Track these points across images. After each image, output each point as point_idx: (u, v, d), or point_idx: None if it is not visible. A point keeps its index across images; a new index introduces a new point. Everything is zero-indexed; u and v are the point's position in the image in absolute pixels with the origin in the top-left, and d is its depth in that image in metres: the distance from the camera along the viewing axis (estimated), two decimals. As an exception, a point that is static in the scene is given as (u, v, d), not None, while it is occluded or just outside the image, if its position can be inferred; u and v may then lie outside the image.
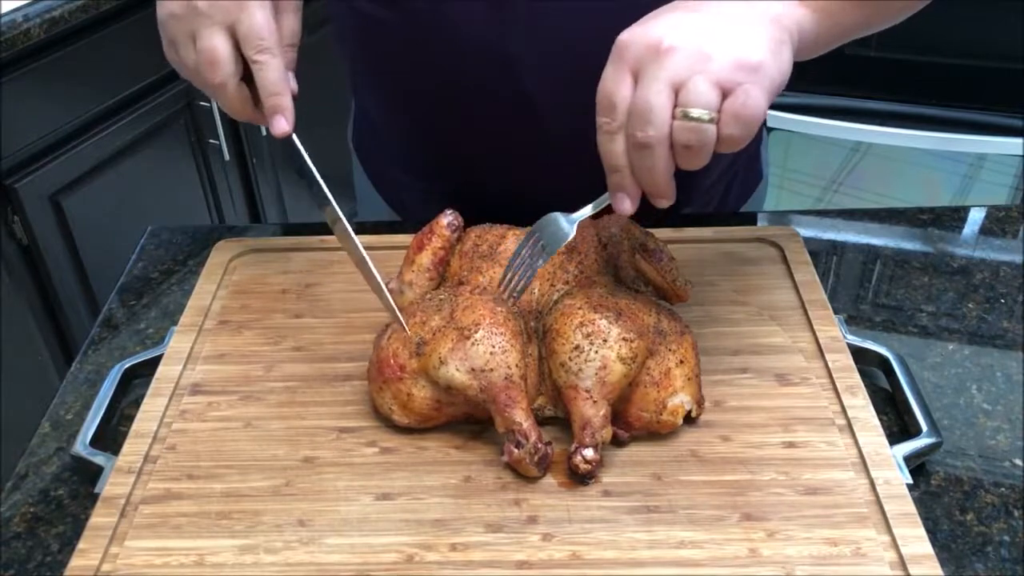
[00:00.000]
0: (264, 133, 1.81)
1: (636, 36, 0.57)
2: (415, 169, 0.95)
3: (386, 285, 0.76)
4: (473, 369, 0.62)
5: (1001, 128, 1.76)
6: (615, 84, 0.58)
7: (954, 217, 0.92)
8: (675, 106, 0.55)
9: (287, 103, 0.71)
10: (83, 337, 0.81)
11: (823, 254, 0.88)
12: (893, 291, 0.83)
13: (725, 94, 0.55)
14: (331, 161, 1.32)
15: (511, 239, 0.73)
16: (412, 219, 0.98)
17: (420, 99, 0.87)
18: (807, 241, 0.84)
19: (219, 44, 0.69)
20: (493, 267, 0.71)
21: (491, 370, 0.62)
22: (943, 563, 0.57)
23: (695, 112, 0.55)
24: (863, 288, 0.84)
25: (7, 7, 1.40)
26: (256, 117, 0.73)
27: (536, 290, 0.69)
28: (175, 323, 0.78)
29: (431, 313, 0.66)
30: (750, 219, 0.94)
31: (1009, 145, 1.76)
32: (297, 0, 0.74)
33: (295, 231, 0.91)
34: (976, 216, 0.93)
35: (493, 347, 0.62)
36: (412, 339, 0.65)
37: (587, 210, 0.65)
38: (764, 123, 1.05)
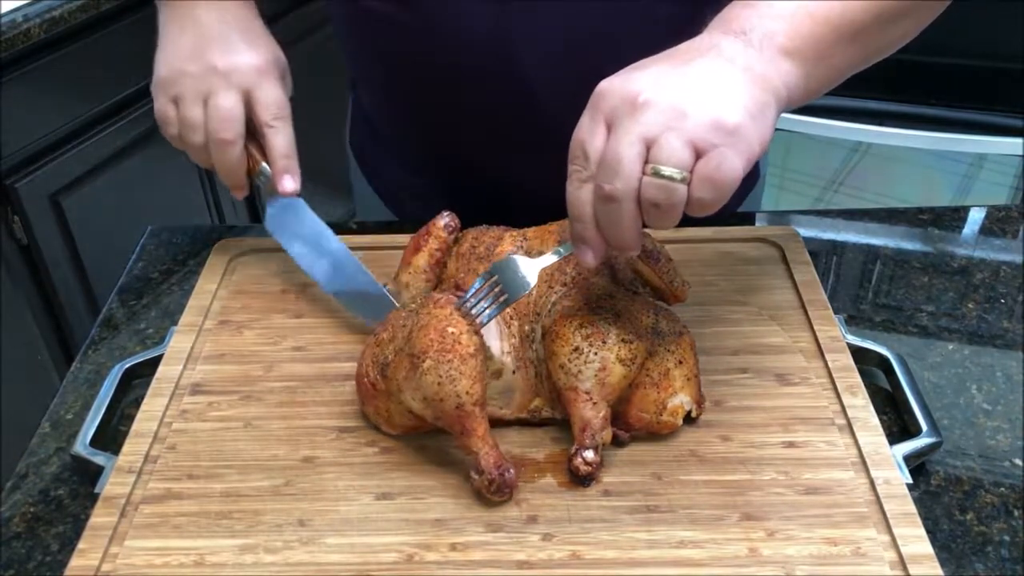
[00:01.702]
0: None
1: (615, 87, 0.56)
2: (413, 165, 0.95)
3: (383, 286, 0.76)
4: (425, 398, 0.61)
5: (1001, 128, 1.76)
6: (589, 133, 0.56)
7: (954, 217, 0.92)
8: (647, 162, 0.54)
9: (296, 165, 0.79)
10: (83, 337, 0.81)
11: (823, 254, 0.88)
12: (893, 291, 0.83)
13: (699, 155, 0.54)
14: (329, 163, 1.32)
15: (508, 241, 0.73)
16: (410, 218, 0.98)
17: (420, 91, 0.87)
18: (807, 241, 0.84)
19: (236, 105, 0.75)
20: (490, 269, 0.71)
21: (440, 400, 0.60)
22: (943, 563, 0.56)
23: (666, 171, 0.53)
24: (863, 288, 0.84)
25: (7, 7, 1.40)
26: (243, 183, 0.80)
27: (534, 292, 0.69)
28: (175, 323, 0.78)
29: (398, 328, 0.65)
30: (749, 219, 0.94)
31: (1009, 145, 1.76)
32: (288, 83, 0.81)
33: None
34: (976, 216, 0.93)
35: (440, 376, 0.60)
36: (380, 358, 0.64)
37: (549, 258, 0.63)
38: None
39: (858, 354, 0.72)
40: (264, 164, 0.79)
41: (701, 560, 0.57)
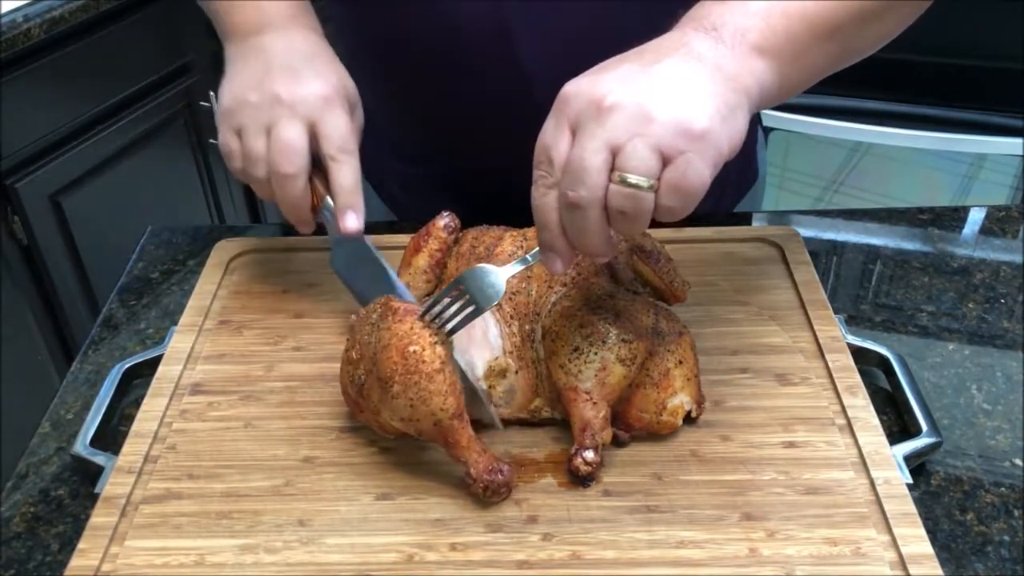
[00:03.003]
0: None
1: (581, 89, 0.55)
2: (412, 161, 0.95)
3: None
4: (402, 419, 0.61)
5: (1001, 128, 1.76)
6: (553, 139, 0.55)
7: (954, 217, 0.92)
8: (613, 169, 0.53)
9: (360, 202, 0.73)
10: (83, 337, 0.81)
11: (823, 254, 0.88)
12: (893, 291, 0.83)
13: (666, 162, 0.52)
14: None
15: (508, 241, 0.73)
16: (407, 215, 0.98)
17: (419, 82, 0.86)
18: (807, 241, 0.84)
19: (299, 136, 0.70)
20: (491, 268, 0.71)
21: (417, 420, 0.60)
22: (943, 563, 0.56)
23: (632, 178, 0.52)
24: (863, 288, 0.84)
25: (7, 7, 1.40)
26: (307, 218, 0.75)
27: (533, 291, 0.69)
28: (175, 323, 0.78)
29: (363, 347, 0.63)
30: (749, 219, 0.94)
31: (1009, 145, 1.75)
32: (360, 116, 0.77)
33: (295, 231, 0.91)
34: (976, 216, 0.93)
35: (411, 399, 0.59)
36: (354, 378, 0.63)
37: (514, 266, 0.61)
38: (760, 122, 1.05)
39: (858, 354, 0.72)
40: (328, 199, 0.74)
41: (701, 560, 0.57)
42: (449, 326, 0.61)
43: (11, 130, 1.43)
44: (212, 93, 0.78)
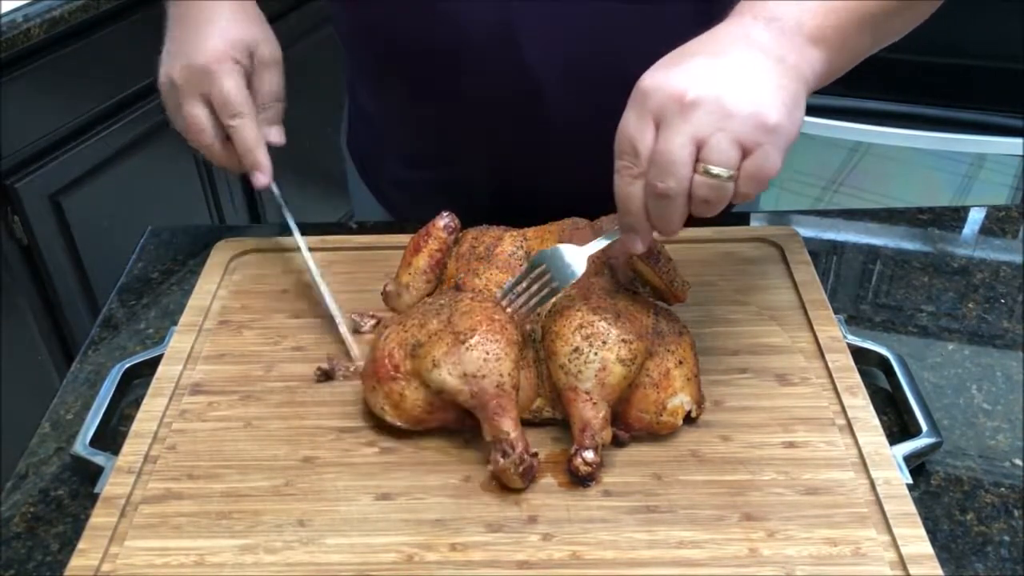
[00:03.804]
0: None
1: (659, 83, 0.57)
2: (412, 162, 0.95)
3: (384, 287, 0.76)
4: (466, 374, 0.62)
5: (1001, 128, 1.75)
6: (638, 131, 0.58)
7: (954, 217, 0.92)
8: (697, 160, 0.56)
9: (261, 158, 0.78)
10: (83, 337, 0.81)
11: (823, 254, 0.88)
12: (893, 291, 0.83)
13: (745, 153, 0.56)
14: (328, 163, 1.32)
15: (508, 241, 0.73)
16: (409, 219, 0.98)
17: (421, 81, 0.86)
18: (807, 241, 0.84)
19: (198, 112, 0.77)
20: (490, 269, 0.71)
21: (483, 376, 0.61)
22: (943, 563, 0.56)
23: (716, 170, 0.56)
24: (863, 288, 0.84)
25: (7, 7, 1.40)
26: (243, 169, 0.80)
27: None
28: (175, 323, 0.78)
29: (430, 316, 0.66)
30: (748, 219, 0.94)
31: (1009, 145, 1.75)
32: (276, 57, 0.80)
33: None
34: (976, 216, 0.93)
35: (487, 353, 0.62)
36: (409, 340, 0.65)
37: (598, 243, 0.65)
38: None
39: (858, 354, 0.72)
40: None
41: (701, 560, 0.57)
42: (527, 307, 0.65)
43: (11, 130, 1.42)
44: None
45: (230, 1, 0.79)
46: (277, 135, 0.81)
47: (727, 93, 0.56)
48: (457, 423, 0.65)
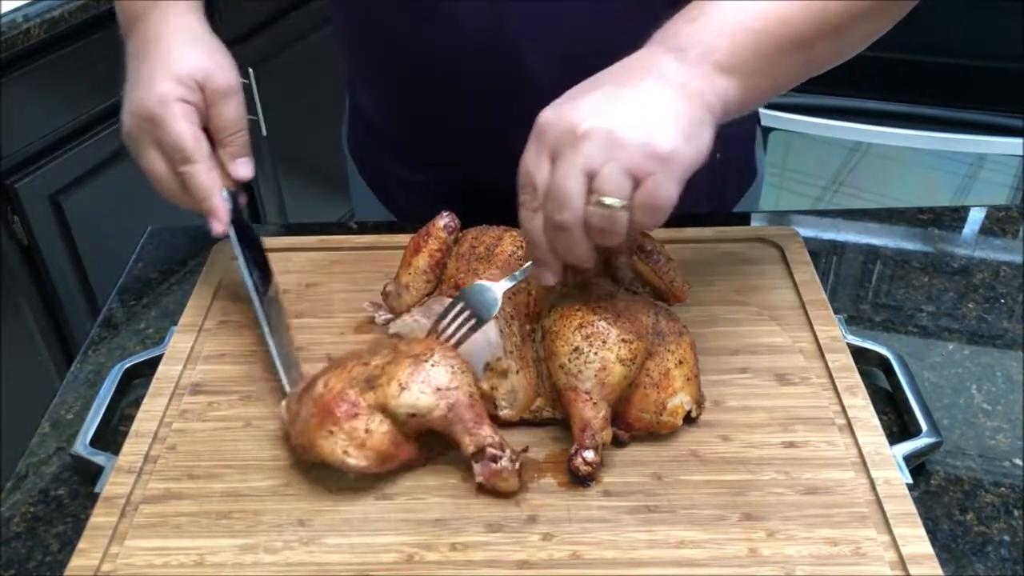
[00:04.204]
0: (264, 133, 1.81)
1: (555, 117, 0.58)
2: (412, 162, 0.95)
3: (384, 288, 0.76)
4: (439, 388, 0.61)
5: (1001, 128, 1.76)
6: (535, 165, 0.59)
7: (954, 217, 0.92)
8: (589, 192, 0.57)
9: (216, 205, 0.73)
10: (83, 337, 0.81)
11: (823, 254, 0.88)
12: (893, 291, 0.83)
13: (636, 182, 0.56)
14: (328, 163, 1.32)
15: (508, 241, 0.73)
16: (409, 219, 0.98)
17: (420, 83, 0.87)
18: (807, 241, 0.84)
19: (154, 163, 0.73)
20: (490, 269, 0.71)
21: (456, 387, 0.61)
22: (943, 563, 0.57)
23: (608, 200, 0.56)
24: (863, 288, 0.84)
25: (7, 7, 1.40)
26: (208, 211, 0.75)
27: (533, 292, 0.69)
28: (175, 323, 0.78)
29: (370, 356, 0.64)
30: (749, 219, 0.94)
31: (1009, 145, 1.75)
32: (231, 85, 0.75)
33: (295, 231, 0.91)
34: (976, 216, 0.93)
35: (452, 367, 0.62)
36: (358, 378, 0.63)
37: (511, 279, 0.66)
38: (758, 120, 1.05)
39: (858, 354, 0.72)
40: (225, 190, 0.75)
41: (701, 560, 0.57)
42: (453, 340, 0.65)
43: (11, 130, 1.42)
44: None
45: (179, 32, 0.76)
46: (244, 169, 0.75)
47: (620, 124, 0.56)
48: (420, 457, 0.64)
